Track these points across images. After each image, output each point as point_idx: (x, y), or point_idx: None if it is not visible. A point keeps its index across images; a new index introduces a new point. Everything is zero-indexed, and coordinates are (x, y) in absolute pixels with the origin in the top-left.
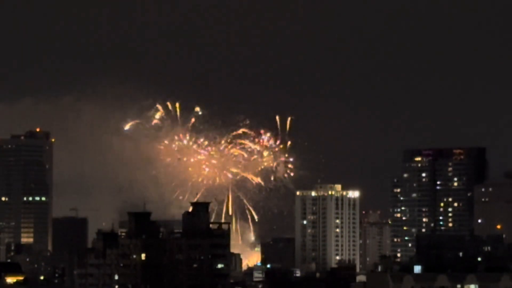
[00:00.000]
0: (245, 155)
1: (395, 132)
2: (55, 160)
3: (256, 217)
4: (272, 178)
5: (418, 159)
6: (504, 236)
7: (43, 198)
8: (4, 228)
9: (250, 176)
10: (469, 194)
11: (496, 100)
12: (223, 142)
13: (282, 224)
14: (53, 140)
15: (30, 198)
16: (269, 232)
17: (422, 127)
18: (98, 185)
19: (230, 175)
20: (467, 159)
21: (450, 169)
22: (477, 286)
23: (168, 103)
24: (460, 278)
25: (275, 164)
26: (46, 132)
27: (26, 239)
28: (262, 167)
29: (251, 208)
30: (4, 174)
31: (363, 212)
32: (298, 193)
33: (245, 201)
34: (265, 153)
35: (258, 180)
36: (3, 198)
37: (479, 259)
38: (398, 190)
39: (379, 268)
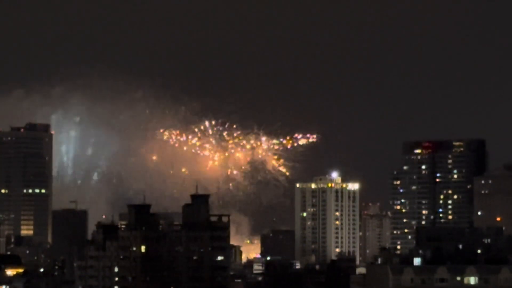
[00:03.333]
0: (236, 148)
1: (395, 124)
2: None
3: (248, 208)
4: (262, 171)
5: (418, 151)
6: (504, 228)
7: (43, 190)
8: (4, 220)
9: (240, 169)
10: (469, 186)
11: (496, 92)
12: (213, 134)
13: (275, 216)
14: (52, 132)
15: (30, 190)
16: (263, 224)
17: (422, 120)
18: (89, 176)
19: (220, 167)
20: (467, 151)
21: (450, 161)
22: (476, 278)
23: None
24: (460, 270)
25: (264, 157)
26: (45, 124)
27: (26, 231)
28: (252, 159)
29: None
30: (4, 167)
31: (363, 204)
32: (298, 185)
33: (236, 193)
34: (255, 146)
35: (244, 171)
36: (3, 190)
37: (479, 251)
38: (398, 182)
39: (379, 260)
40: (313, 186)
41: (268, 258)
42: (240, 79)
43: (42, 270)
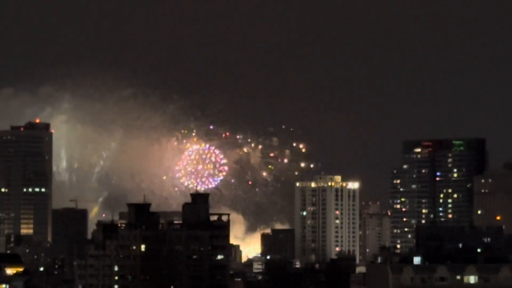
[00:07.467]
0: (225, 146)
1: (395, 123)
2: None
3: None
4: (249, 171)
5: (418, 150)
6: (503, 227)
7: (43, 189)
8: (4, 219)
9: (229, 168)
10: (468, 185)
11: (496, 91)
12: (201, 133)
13: (268, 215)
14: (52, 131)
15: (30, 189)
16: (257, 222)
17: (422, 118)
18: (77, 175)
19: (210, 167)
20: (466, 150)
21: (449, 160)
22: (476, 277)
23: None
24: (459, 269)
25: (252, 156)
26: (45, 123)
27: (26, 230)
28: (240, 159)
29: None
30: (4, 166)
31: (363, 203)
32: (298, 184)
33: (225, 192)
34: (243, 145)
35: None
36: (3, 189)
37: (478, 250)
38: (398, 181)
39: (379, 259)
40: (313, 185)
41: (268, 257)
42: (232, 78)
43: (42, 269)
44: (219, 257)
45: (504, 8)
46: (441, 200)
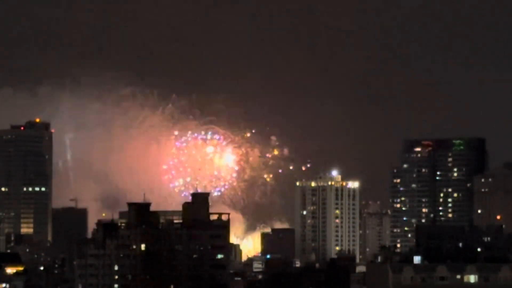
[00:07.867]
0: (223, 146)
1: (395, 122)
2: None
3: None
4: (247, 170)
5: (418, 149)
6: (503, 226)
7: (43, 189)
8: (4, 218)
9: (227, 167)
10: (468, 185)
11: (496, 91)
12: (199, 131)
13: (267, 215)
14: (52, 130)
15: (30, 189)
16: (256, 222)
17: (422, 118)
18: (74, 173)
19: (208, 166)
20: (467, 149)
21: (450, 159)
22: (476, 276)
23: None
24: (459, 269)
25: (251, 155)
26: (45, 122)
27: (26, 229)
28: (239, 158)
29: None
30: (4, 165)
31: (363, 202)
32: (298, 183)
33: (224, 191)
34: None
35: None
36: (3, 189)
37: (478, 249)
38: (398, 180)
39: (379, 259)
40: (313, 184)
41: (268, 257)
42: (230, 78)
43: (42, 268)
44: (219, 256)
45: (504, 8)
46: (441, 200)
